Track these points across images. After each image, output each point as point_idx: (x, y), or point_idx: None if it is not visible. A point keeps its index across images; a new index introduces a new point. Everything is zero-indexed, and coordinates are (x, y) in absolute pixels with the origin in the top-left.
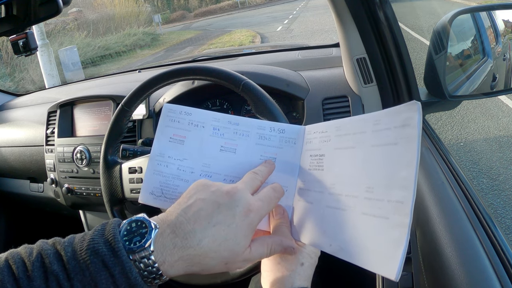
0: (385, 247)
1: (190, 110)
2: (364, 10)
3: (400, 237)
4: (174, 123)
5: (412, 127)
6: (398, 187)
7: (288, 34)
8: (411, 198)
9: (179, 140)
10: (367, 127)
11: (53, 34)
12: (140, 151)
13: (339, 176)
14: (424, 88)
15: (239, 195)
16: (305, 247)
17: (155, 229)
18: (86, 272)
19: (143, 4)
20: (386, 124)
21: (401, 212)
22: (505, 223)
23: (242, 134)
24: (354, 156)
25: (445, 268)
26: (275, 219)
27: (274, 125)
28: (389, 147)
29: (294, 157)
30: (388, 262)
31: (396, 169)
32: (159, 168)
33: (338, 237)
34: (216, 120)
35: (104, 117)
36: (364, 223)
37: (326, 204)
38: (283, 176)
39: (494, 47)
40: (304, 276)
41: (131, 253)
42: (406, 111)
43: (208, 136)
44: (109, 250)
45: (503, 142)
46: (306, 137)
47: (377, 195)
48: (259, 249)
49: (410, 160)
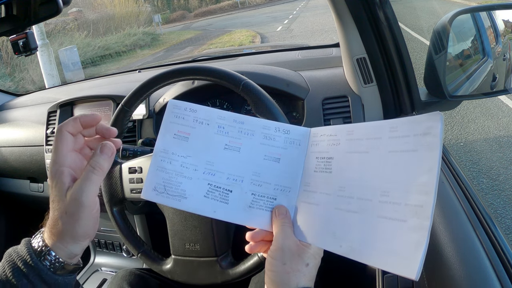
0: (404, 248)
1: (196, 107)
2: (364, 10)
3: (420, 239)
4: (179, 120)
5: (434, 135)
6: (417, 192)
7: (288, 34)
8: (432, 202)
9: (183, 136)
10: (383, 133)
11: (53, 34)
12: (140, 151)
13: (350, 180)
14: (424, 88)
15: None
16: (310, 248)
17: (42, 232)
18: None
19: (143, 4)
20: (405, 131)
21: (420, 215)
22: (505, 223)
23: (247, 133)
24: (367, 160)
25: (445, 268)
26: (278, 219)
27: (280, 126)
28: (408, 153)
29: (298, 158)
30: (408, 263)
31: (415, 175)
32: (162, 164)
33: (349, 238)
34: (222, 118)
35: (104, 117)
36: (379, 225)
37: (334, 206)
38: (286, 177)
39: (494, 47)
40: (309, 277)
41: (36, 253)
42: (428, 120)
43: (213, 134)
44: (20, 257)
45: (503, 142)
46: (312, 139)
47: (394, 198)
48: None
49: (431, 166)
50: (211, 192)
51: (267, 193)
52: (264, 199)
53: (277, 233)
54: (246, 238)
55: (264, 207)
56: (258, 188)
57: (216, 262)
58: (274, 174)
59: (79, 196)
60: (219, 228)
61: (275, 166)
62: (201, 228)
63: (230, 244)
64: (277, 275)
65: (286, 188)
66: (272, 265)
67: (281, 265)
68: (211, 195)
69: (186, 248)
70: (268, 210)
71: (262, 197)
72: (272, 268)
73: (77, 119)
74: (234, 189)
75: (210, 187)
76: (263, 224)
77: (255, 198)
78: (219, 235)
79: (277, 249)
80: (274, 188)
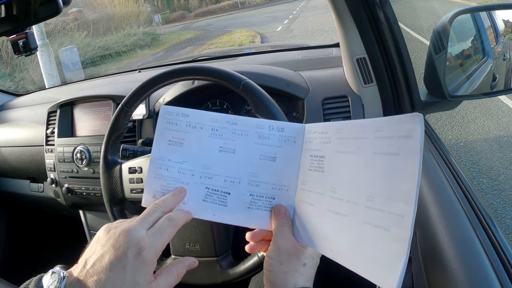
0: (385, 259)
1: (188, 112)
2: (364, 10)
3: (400, 250)
4: (172, 125)
5: (415, 139)
6: (399, 200)
7: (288, 34)
8: (412, 212)
9: (178, 142)
10: (369, 132)
11: (53, 34)
12: (140, 151)
13: (340, 181)
14: (424, 88)
15: (130, 236)
16: (307, 248)
17: (63, 278)
18: None
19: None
20: (388, 132)
21: (401, 226)
22: (505, 223)
23: (241, 133)
24: (355, 161)
25: (445, 268)
26: (277, 219)
27: (273, 124)
28: (391, 157)
29: (294, 156)
30: (388, 275)
31: (397, 181)
32: (159, 171)
33: (338, 243)
34: (214, 120)
35: (104, 117)
36: (365, 232)
37: (327, 207)
38: (283, 175)
39: (494, 47)
40: (307, 277)
41: None
42: (409, 121)
43: (207, 137)
44: None
45: (503, 142)
46: (306, 136)
47: (378, 205)
48: (166, 279)
49: (412, 173)
50: (209, 195)
51: (265, 193)
52: (263, 199)
53: (275, 233)
54: (246, 238)
55: (263, 207)
56: (255, 189)
57: (216, 262)
58: (271, 173)
59: None
60: (219, 228)
61: (271, 165)
62: (201, 228)
63: (230, 244)
64: (274, 275)
65: (284, 187)
66: (269, 265)
67: (278, 265)
68: (209, 199)
69: (186, 248)
70: (267, 210)
71: (261, 197)
72: (270, 268)
73: None
74: (232, 191)
75: (208, 191)
76: (262, 224)
77: (254, 198)
78: (219, 235)
79: (275, 249)
80: (272, 187)
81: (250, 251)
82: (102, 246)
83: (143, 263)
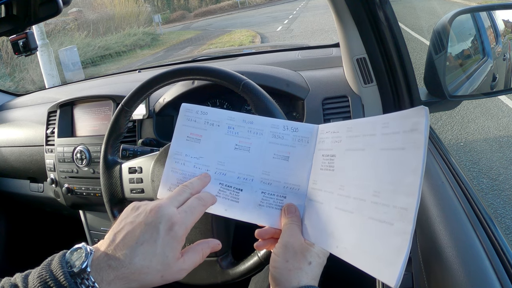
0: (387, 253)
1: (206, 110)
2: (364, 10)
3: (402, 244)
4: (191, 122)
5: (420, 132)
6: (403, 193)
7: (288, 34)
8: (415, 205)
9: (195, 138)
10: (377, 129)
11: (53, 34)
12: (140, 151)
13: (349, 178)
14: (424, 88)
15: (161, 211)
16: (314, 247)
17: (90, 253)
18: None
19: (143, 4)
20: (395, 127)
21: (404, 219)
22: (505, 223)
23: (256, 132)
24: (364, 158)
25: (445, 268)
26: (287, 217)
27: (288, 124)
28: (397, 151)
29: (307, 156)
30: (389, 269)
31: (402, 175)
32: (176, 166)
33: (344, 240)
34: (231, 119)
35: (104, 117)
36: (370, 228)
37: (335, 205)
38: (295, 175)
39: (494, 47)
40: (312, 275)
41: (73, 276)
42: (414, 115)
43: (223, 135)
44: (54, 277)
45: (503, 142)
46: (319, 136)
47: (384, 199)
48: (192, 256)
49: (416, 166)
50: (222, 191)
51: (277, 192)
52: (274, 197)
53: (283, 231)
54: (255, 235)
55: (274, 205)
56: (267, 187)
57: (216, 262)
58: (283, 172)
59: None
60: (219, 228)
61: (284, 164)
62: (200, 228)
63: (230, 244)
64: (279, 272)
65: (295, 186)
66: (275, 261)
67: (283, 262)
68: (222, 194)
69: None
70: (278, 208)
71: (272, 196)
72: (275, 264)
73: None
74: (244, 188)
75: (221, 187)
76: (272, 222)
77: (265, 196)
78: (219, 235)
79: (281, 246)
80: (284, 186)
81: (258, 249)
82: (131, 222)
83: (174, 238)
